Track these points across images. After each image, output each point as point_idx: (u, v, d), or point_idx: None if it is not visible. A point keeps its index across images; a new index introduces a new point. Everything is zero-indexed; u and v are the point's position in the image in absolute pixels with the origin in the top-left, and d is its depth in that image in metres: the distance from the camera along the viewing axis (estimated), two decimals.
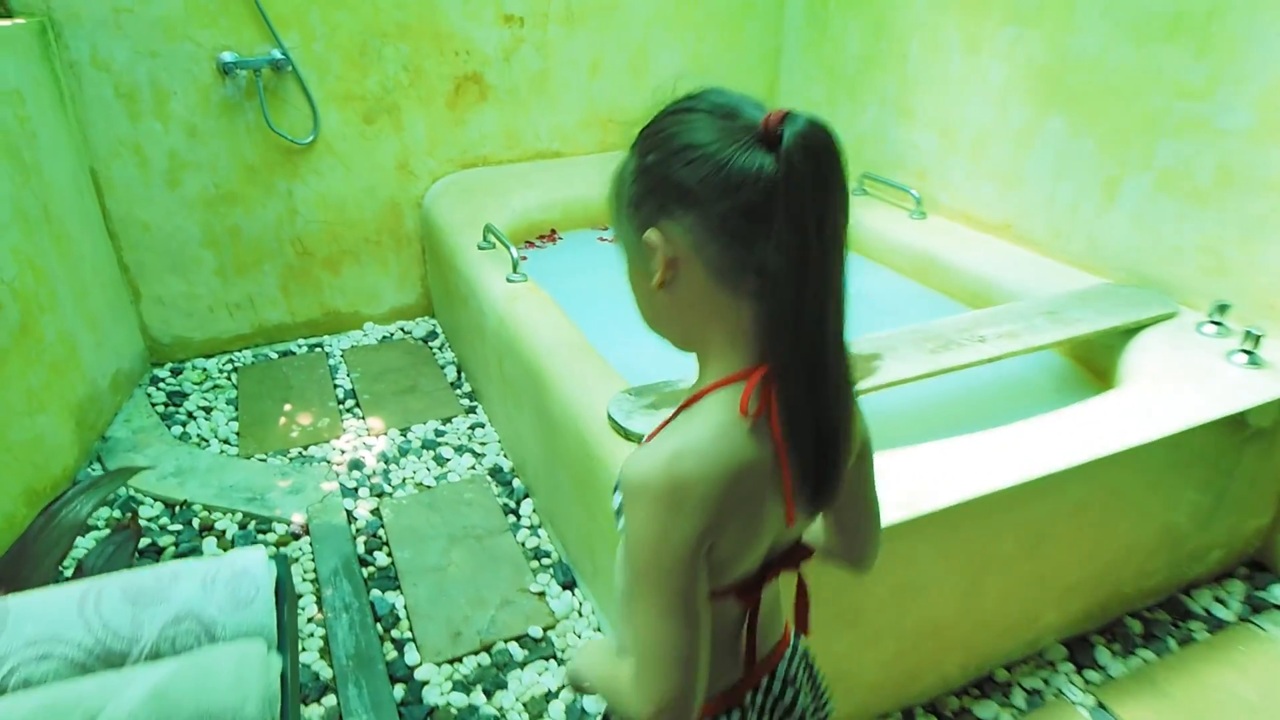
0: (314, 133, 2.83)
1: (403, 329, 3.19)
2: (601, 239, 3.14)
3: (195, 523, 2.15)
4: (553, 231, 3.14)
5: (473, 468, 2.39)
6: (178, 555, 2.04)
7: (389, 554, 2.07)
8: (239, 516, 2.17)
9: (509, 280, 2.34)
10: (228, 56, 2.62)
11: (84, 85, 2.49)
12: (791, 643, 0.92)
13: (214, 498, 2.22)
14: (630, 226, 0.75)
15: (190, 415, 2.63)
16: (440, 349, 3.06)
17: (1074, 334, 1.98)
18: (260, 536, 2.12)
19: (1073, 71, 2.32)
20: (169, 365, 2.90)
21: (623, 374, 1.94)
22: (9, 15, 2.34)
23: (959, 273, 2.59)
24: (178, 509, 2.20)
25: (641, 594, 0.69)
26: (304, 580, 1.98)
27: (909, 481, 1.46)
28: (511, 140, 3.19)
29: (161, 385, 2.78)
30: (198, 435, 2.52)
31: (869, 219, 2.95)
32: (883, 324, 2.50)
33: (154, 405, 2.66)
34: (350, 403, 2.71)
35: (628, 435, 1.56)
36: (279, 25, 2.65)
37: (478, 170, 3.15)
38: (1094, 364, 2.18)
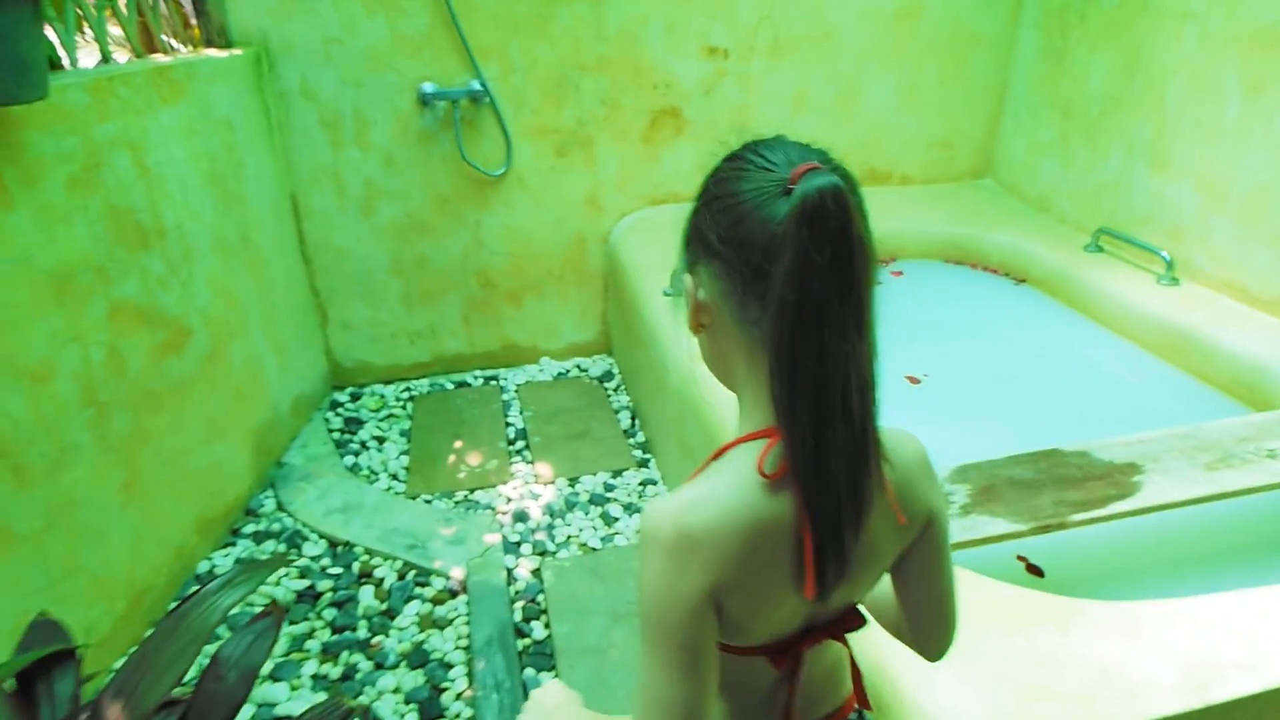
0: (506, 165, 2.78)
1: (579, 366, 3.10)
2: None
3: (355, 567, 2.10)
4: None
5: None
6: (334, 604, 1.99)
7: (547, 625, 1.93)
8: (399, 565, 2.11)
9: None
10: (428, 87, 2.61)
11: (291, 114, 2.55)
12: (852, 716, 0.85)
13: (376, 540, 2.18)
14: (682, 268, 0.75)
15: (364, 445, 2.62)
16: (615, 391, 2.93)
17: None
18: (418, 590, 2.04)
19: None
20: (349, 389, 2.93)
21: None
22: (229, 45, 2.43)
23: (1225, 356, 2.15)
24: (340, 549, 2.17)
25: (647, 645, 0.67)
26: (456, 648, 1.87)
27: (1188, 648, 1.13)
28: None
29: (340, 410, 2.81)
30: (368, 468, 2.51)
31: (1105, 281, 2.55)
32: (1126, 409, 2.13)
33: (330, 431, 2.68)
34: (520, 444, 2.62)
35: None
36: (480, 56, 2.62)
37: (666, 207, 3.00)
38: None
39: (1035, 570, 1.52)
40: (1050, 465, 1.52)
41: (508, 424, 2.73)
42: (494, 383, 3.00)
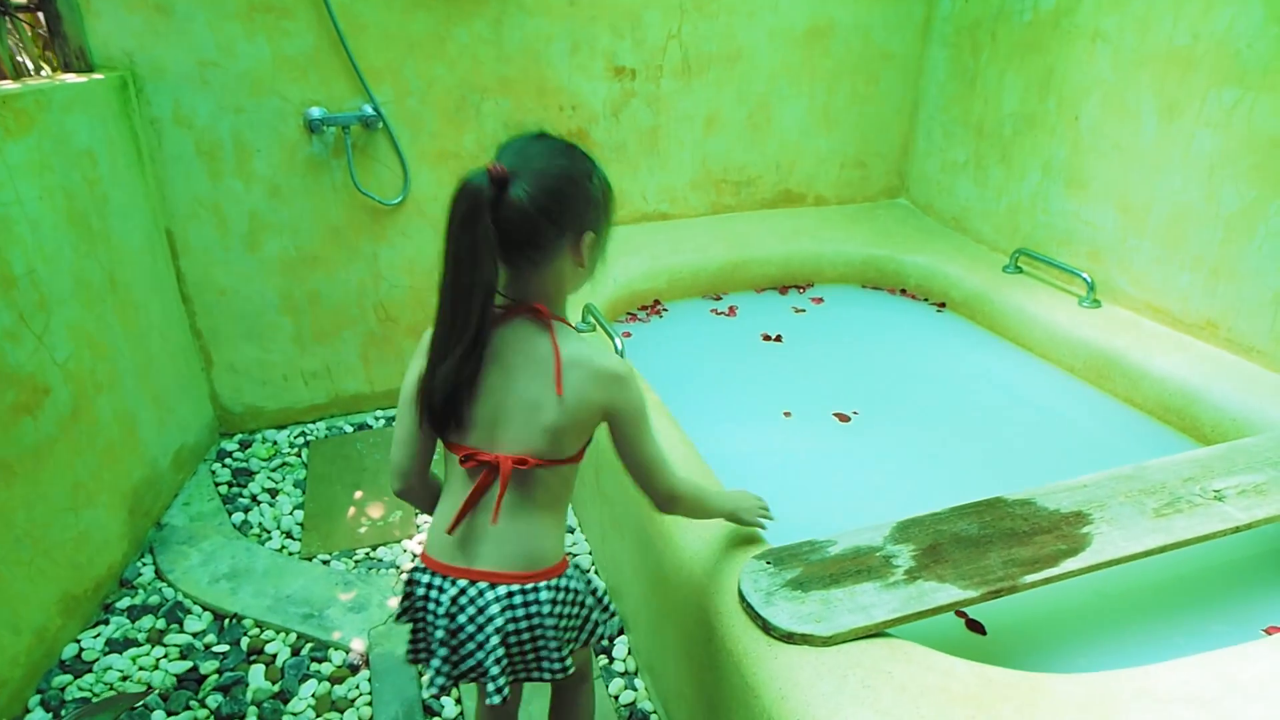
0: (404, 193, 2.59)
1: None
2: (715, 310, 2.80)
3: (244, 643, 1.88)
4: (656, 302, 2.82)
5: None
6: (219, 688, 1.77)
7: (458, 700, 1.75)
8: (293, 638, 1.89)
9: None
10: (316, 112, 2.41)
11: (165, 143, 2.31)
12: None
13: (268, 611, 1.96)
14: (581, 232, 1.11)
15: (254, 499, 2.39)
16: None
17: None
18: (315, 666, 1.83)
19: None
20: (239, 437, 2.68)
21: (732, 467, 1.59)
22: (90, 69, 2.18)
23: (1154, 381, 2.13)
24: (227, 623, 1.94)
25: (652, 428, 1.15)
26: None
27: (1174, 718, 1.04)
28: (617, 200, 2.89)
29: (229, 461, 2.56)
30: (259, 525, 2.28)
31: (1026, 302, 2.52)
32: (1059, 439, 2.08)
33: (218, 485, 2.44)
34: None
35: (767, 628, 1.19)
36: (371, 79, 2.43)
37: None
38: None
39: (976, 627, 1.43)
40: (995, 518, 1.43)
41: None
42: None
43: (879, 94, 3.05)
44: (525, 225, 1.02)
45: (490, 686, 1.10)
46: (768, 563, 1.30)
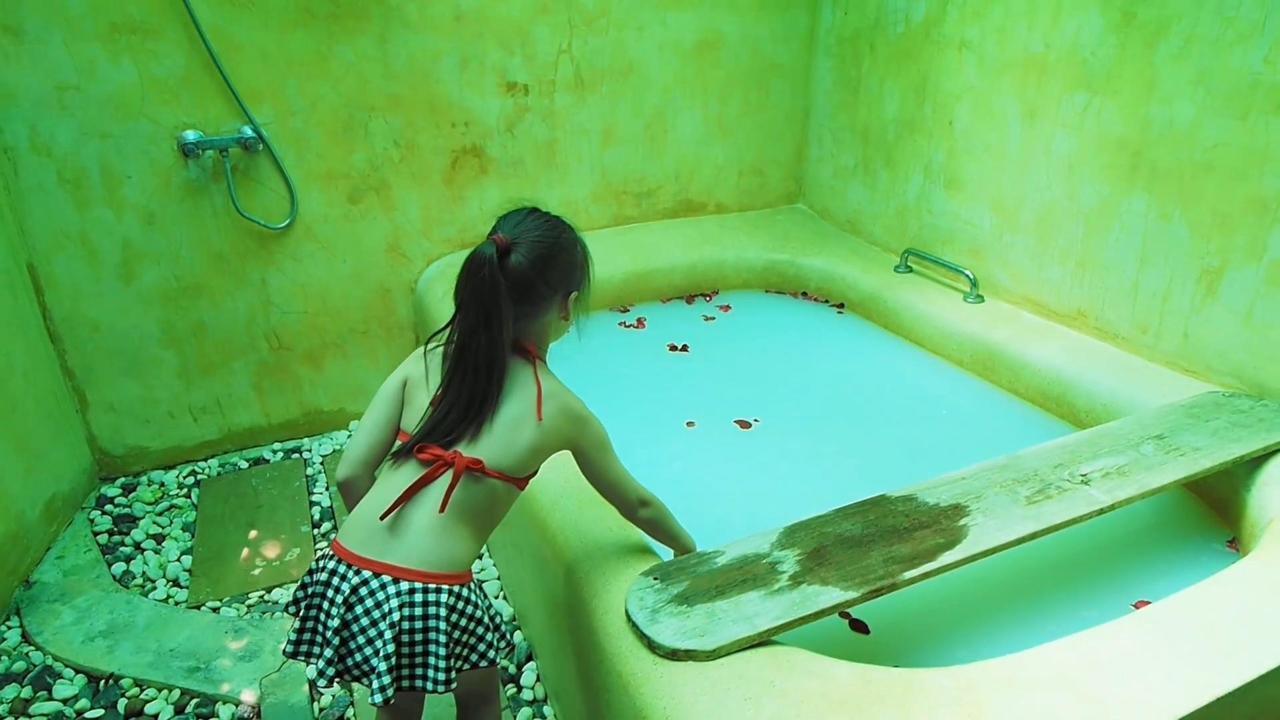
0: (291, 216, 2.51)
1: None
2: (623, 323, 2.80)
3: (121, 705, 1.77)
4: None
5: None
6: None
7: None
8: (176, 695, 1.79)
9: None
10: (190, 136, 2.31)
11: (21, 172, 2.18)
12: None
13: (148, 668, 1.85)
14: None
15: (138, 547, 2.26)
16: None
17: (1196, 469, 1.61)
18: None
19: (1157, 146, 1.99)
20: (121, 480, 2.54)
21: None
22: None
23: (1030, 370, 2.23)
24: (103, 684, 1.82)
25: (614, 456, 1.32)
26: None
27: (1040, 703, 1.07)
28: None
29: (109, 507, 2.42)
30: (143, 574, 2.16)
31: (917, 300, 2.61)
32: (948, 431, 2.15)
33: (96, 534, 2.30)
34: (327, 525, 2.35)
35: (653, 647, 1.18)
36: (250, 100, 2.34)
37: None
38: (1211, 494, 1.80)
39: (860, 627, 1.46)
40: (879, 516, 1.46)
41: (312, 503, 2.44)
42: (296, 455, 2.69)
43: (771, 103, 3.12)
44: (524, 285, 1.20)
45: (374, 684, 1.11)
46: (655, 579, 1.30)
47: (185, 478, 2.57)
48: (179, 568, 2.18)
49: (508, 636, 1.29)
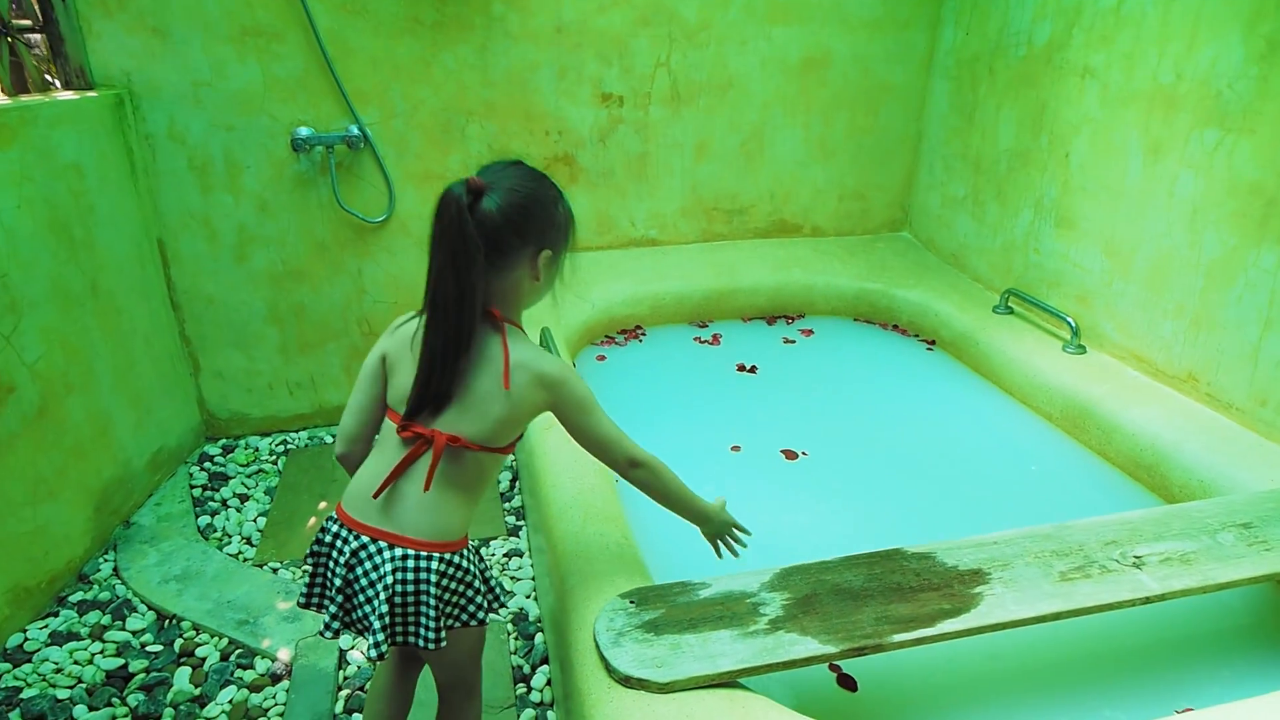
0: (389, 211, 2.66)
1: None
2: (698, 338, 2.78)
3: (177, 644, 1.93)
4: (637, 327, 2.81)
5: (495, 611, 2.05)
6: (143, 687, 1.82)
7: None
8: (224, 643, 1.94)
9: None
10: (303, 132, 2.50)
11: (158, 157, 2.43)
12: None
13: (207, 615, 2.01)
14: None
15: (224, 503, 2.46)
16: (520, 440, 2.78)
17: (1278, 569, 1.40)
18: (239, 673, 1.87)
19: None
20: (223, 441, 2.78)
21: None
22: (89, 87, 2.31)
23: (1124, 434, 2.02)
24: (167, 623, 2.00)
25: (601, 414, 1.28)
26: None
27: None
28: (604, 226, 2.91)
29: (208, 465, 2.65)
30: (223, 529, 2.35)
31: (1011, 345, 2.42)
32: (1022, 490, 1.98)
33: (193, 488, 2.52)
34: None
35: (609, 669, 1.16)
36: (358, 101, 2.51)
37: None
38: None
39: (848, 683, 1.37)
40: (886, 570, 1.37)
41: None
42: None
43: (879, 126, 2.99)
44: (493, 233, 1.15)
45: (370, 640, 1.18)
46: (631, 602, 1.28)
47: (277, 445, 2.78)
48: (254, 527, 2.36)
49: (500, 596, 1.36)
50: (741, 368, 2.59)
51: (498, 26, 2.54)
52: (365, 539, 1.20)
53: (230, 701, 1.80)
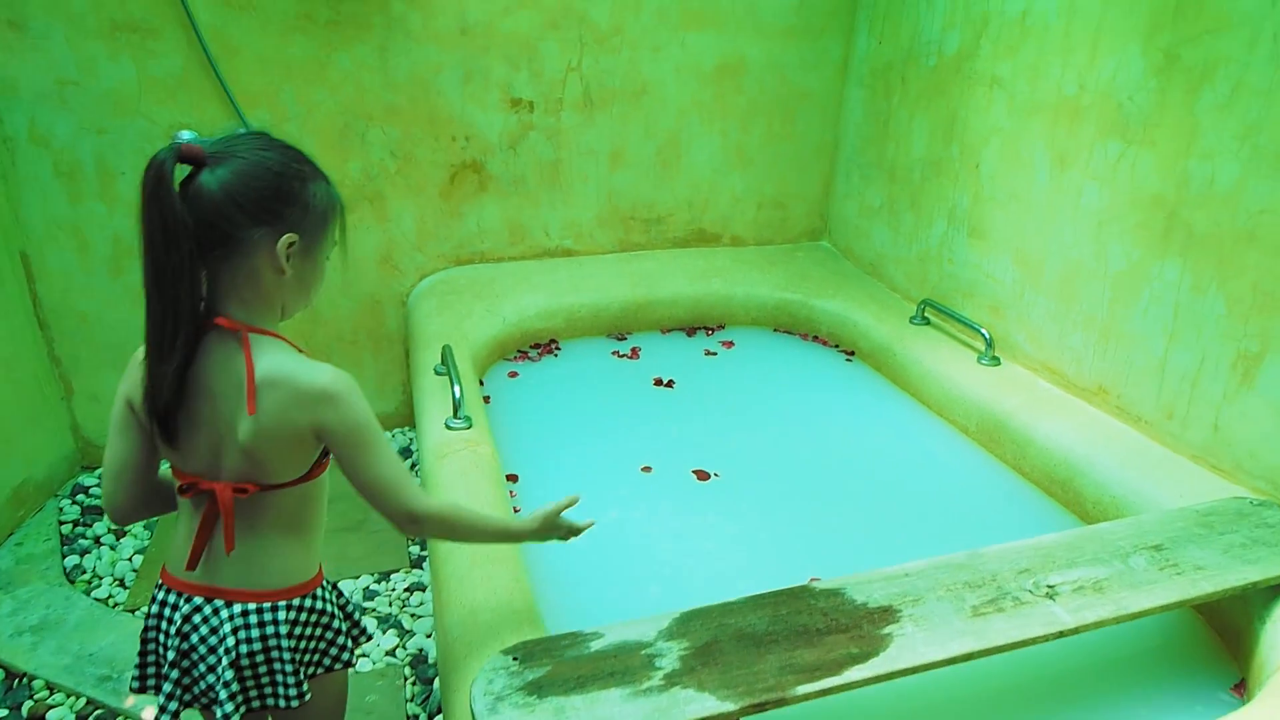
0: None
1: None
2: (616, 352, 2.68)
3: (26, 708, 1.74)
4: (552, 341, 2.70)
5: (392, 652, 1.92)
6: None
7: None
8: (81, 703, 1.76)
9: (448, 426, 1.90)
10: (185, 135, 2.30)
11: (18, 162, 2.22)
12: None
13: (64, 671, 1.82)
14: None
15: (97, 541, 2.26)
16: (413, 470, 2.63)
17: (1192, 594, 1.37)
18: None
19: (1195, 207, 1.75)
20: (99, 470, 2.56)
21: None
22: None
23: (1036, 447, 2.00)
24: (17, 683, 1.81)
25: (382, 445, 1.04)
26: None
27: None
28: (516, 235, 2.79)
29: (82, 497, 2.43)
30: (93, 570, 2.15)
31: (927, 356, 2.40)
32: (937, 508, 1.94)
33: (61, 524, 2.31)
34: None
35: None
36: (245, 103, 2.34)
37: (473, 267, 2.75)
38: (1218, 618, 1.55)
39: None
40: (793, 610, 1.29)
41: None
42: None
43: (796, 133, 2.95)
44: (211, 211, 0.95)
45: (219, 713, 1.03)
46: (514, 659, 1.17)
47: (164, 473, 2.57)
48: (128, 567, 2.16)
49: (363, 626, 1.23)
50: (659, 382, 2.51)
51: (398, 26, 2.40)
52: (198, 600, 1.06)
53: (158, 707, 1.63)
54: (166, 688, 1.07)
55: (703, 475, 2.03)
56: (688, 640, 1.23)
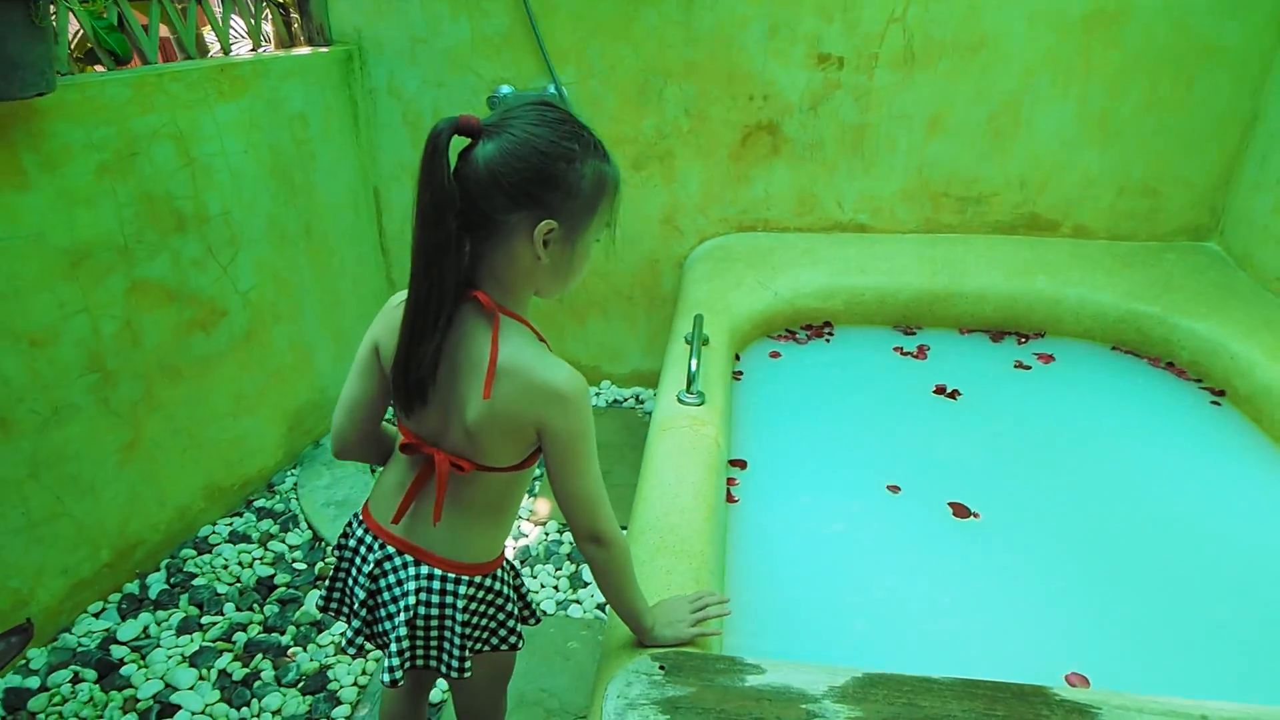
0: None
1: (638, 397, 2.85)
2: (899, 348, 2.38)
3: (317, 567, 2.11)
4: (826, 324, 2.48)
5: (602, 606, 1.96)
6: (280, 600, 2.01)
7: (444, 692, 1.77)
8: None
9: (679, 400, 1.82)
10: (504, 90, 2.51)
11: (379, 111, 2.59)
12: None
13: None
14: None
15: None
16: None
17: None
18: None
19: None
20: None
21: (781, 537, 1.30)
22: (328, 44, 2.51)
23: None
24: (319, 545, 2.19)
25: (592, 461, 1.02)
26: (354, 684, 1.79)
27: None
28: (805, 204, 2.59)
29: None
30: None
31: None
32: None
33: (388, 421, 2.73)
34: (537, 472, 2.47)
35: None
36: (557, 59, 2.45)
37: (754, 235, 2.62)
38: None
39: None
40: (1011, 715, 0.99)
41: None
42: None
43: (1193, 100, 2.28)
44: (476, 190, 0.92)
45: (385, 663, 1.09)
46: (661, 668, 1.08)
47: None
48: None
49: (535, 610, 1.23)
50: (941, 390, 2.16)
51: None
52: (391, 549, 1.09)
53: (342, 635, 1.91)
54: (355, 624, 1.12)
55: (961, 511, 1.70)
56: (861, 709, 1.02)
